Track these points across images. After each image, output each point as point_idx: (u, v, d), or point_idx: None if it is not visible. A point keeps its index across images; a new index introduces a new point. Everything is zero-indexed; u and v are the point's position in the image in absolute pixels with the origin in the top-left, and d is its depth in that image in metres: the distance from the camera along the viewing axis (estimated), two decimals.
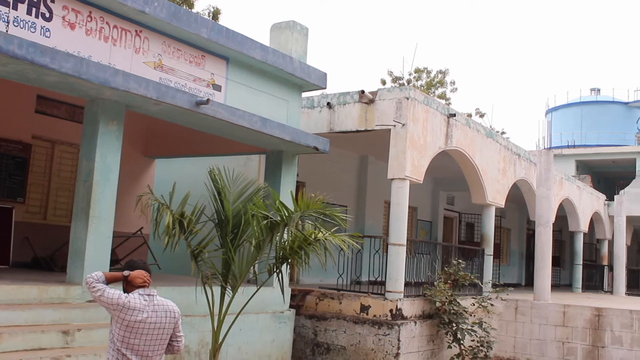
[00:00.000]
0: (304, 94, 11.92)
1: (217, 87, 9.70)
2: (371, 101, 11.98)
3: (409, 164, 11.59)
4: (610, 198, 25.91)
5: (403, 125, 11.54)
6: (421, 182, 12.19)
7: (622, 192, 26.96)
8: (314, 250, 7.61)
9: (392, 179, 11.71)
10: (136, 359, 4.47)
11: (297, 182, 14.13)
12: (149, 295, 4.55)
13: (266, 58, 10.09)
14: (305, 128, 12.08)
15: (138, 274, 4.58)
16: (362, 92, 12.01)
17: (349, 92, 12.32)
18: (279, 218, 7.40)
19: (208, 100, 8.51)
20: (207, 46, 9.39)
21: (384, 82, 36.14)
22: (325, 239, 7.53)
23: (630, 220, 27.67)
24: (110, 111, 8.17)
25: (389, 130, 11.70)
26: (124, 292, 4.55)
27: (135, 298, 4.48)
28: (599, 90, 39.71)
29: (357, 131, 12.22)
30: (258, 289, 8.02)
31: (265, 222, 7.36)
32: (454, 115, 13.08)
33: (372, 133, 12.24)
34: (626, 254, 27.87)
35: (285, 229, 7.61)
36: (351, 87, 14.06)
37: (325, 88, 11.46)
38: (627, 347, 13.62)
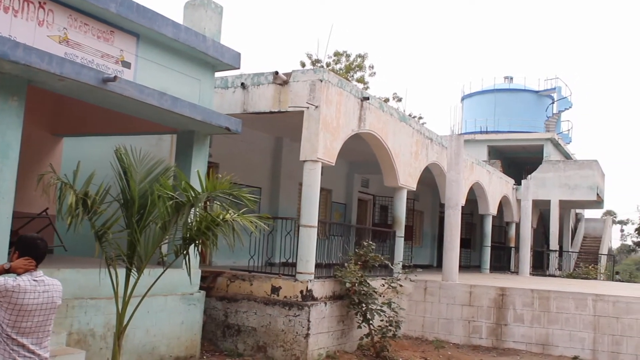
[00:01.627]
0: (218, 74, 11.77)
1: (127, 64, 9.43)
2: (285, 83, 11.94)
3: (321, 146, 11.64)
4: (518, 183, 26.86)
5: (316, 107, 11.57)
6: (333, 164, 12.27)
7: (529, 177, 27.98)
8: (222, 231, 7.56)
9: (304, 161, 11.74)
10: (28, 341, 4.38)
11: (210, 163, 13.99)
12: (36, 279, 4.47)
13: (178, 36, 9.87)
14: (218, 108, 11.94)
15: (18, 265, 4.50)
16: (276, 73, 11.95)
17: (263, 73, 12.24)
18: (185, 199, 7.30)
19: (115, 77, 8.26)
20: (116, 21, 9.11)
21: (303, 65, 36.06)
22: (234, 220, 7.49)
23: (536, 204, 28.81)
24: (11, 86, 7.81)
25: (303, 112, 11.71)
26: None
27: (24, 280, 4.40)
28: (511, 78, 40.89)
29: (271, 112, 12.17)
30: (164, 271, 7.91)
31: (172, 202, 7.24)
32: (368, 98, 13.21)
33: (287, 115, 12.21)
34: (532, 236, 28.99)
35: (192, 210, 7.53)
36: (270, 69, 14.00)
37: (238, 68, 11.33)
38: (528, 325, 14.21)
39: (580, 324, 13.83)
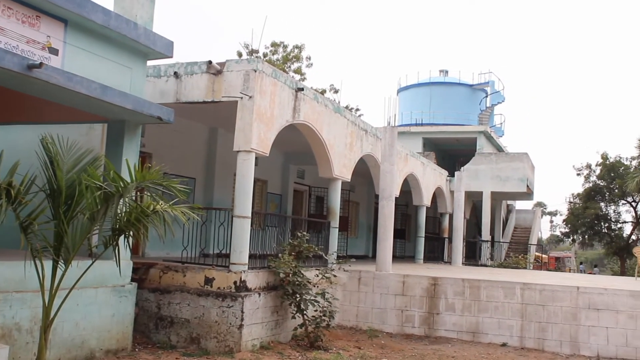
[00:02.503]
0: (151, 63, 11.56)
1: (54, 51, 9.17)
2: (219, 72, 11.83)
3: (255, 136, 11.59)
4: (452, 174, 27.36)
5: (250, 97, 11.51)
6: (267, 155, 12.24)
7: (462, 168, 28.53)
8: (152, 222, 7.46)
9: (238, 151, 11.67)
10: None
11: (143, 153, 13.79)
12: None
13: (108, 23, 9.65)
14: (151, 97, 11.75)
15: None
16: (210, 62, 11.83)
17: (197, 62, 12.10)
18: (114, 189, 7.16)
19: (41, 64, 8.00)
20: (42, 6, 8.83)
21: (240, 55, 35.80)
22: (164, 211, 7.40)
23: (469, 195, 29.41)
24: None
25: (237, 102, 11.63)
26: None
27: None
28: (447, 72, 41.54)
29: (204, 102, 12.04)
30: (93, 262, 7.77)
31: (100, 193, 7.09)
32: (302, 89, 13.21)
33: (221, 105, 12.10)
34: (465, 227, 29.60)
35: (122, 201, 7.40)
36: (205, 59, 13.79)
37: (171, 57, 11.14)
38: (459, 313, 14.52)
39: (509, 312, 14.21)
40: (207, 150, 16.98)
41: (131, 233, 7.73)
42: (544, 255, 51.92)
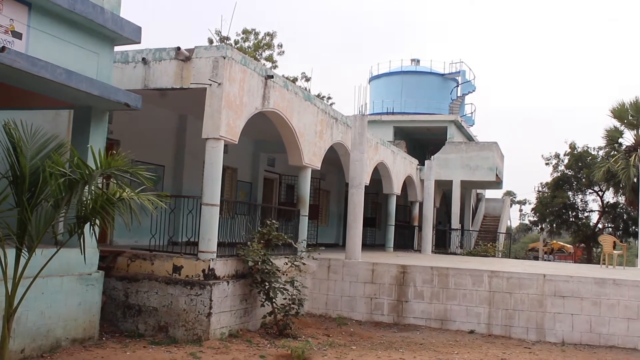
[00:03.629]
0: (118, 48, 11.41)
1: (17, 35, 8.99)
2: (188, 59, 11.71)
3: (224, 123, 11.51)
4: (423, 163, 27.48)
5: (219, 84, 11.42)
6: (236, 142, 12.16)
7: (432, 157, 28.67)
8: (118, 210, 7.38)
9: (206, 139, 11.59)
10: None
11: (111, 140, 13.63)
12: None
13: (74, 7, 9.47)
14: (118, 83, 11.59)
15: None
16: (179, 48, 11.70)
17: (165, 48, 11.96)
18: (79, 176, 7.06)
19: (3, 47, 7.84)
20: None
21: (211, 42, 35.55)
22: (130, 199, 7.32)
23: (439, 184, 29.60)
24: None
25: (205, 89, 11.53)
26: None
27: None
28: (418, 61, 41.59)
29: (173, 89, 11.92)
30: (57, 251, 7.67)
31: (64, 180, 6.99)
32: (272, 77, 13.15)
33: (190, 92, 11.99)
34: (435, 215, 29.78)
35: (87, 188, 7.30)
36: (174, 45, 13.58)
37: (139, 43, 10.99)
38: (428, 301, 14.63)
39: (477, 300, 14.35)
40: (176, 137, 16.85)
41: (97, 221, 7.64)
42: (568, 245, 52.15)
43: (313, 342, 11.67)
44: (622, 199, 37.92)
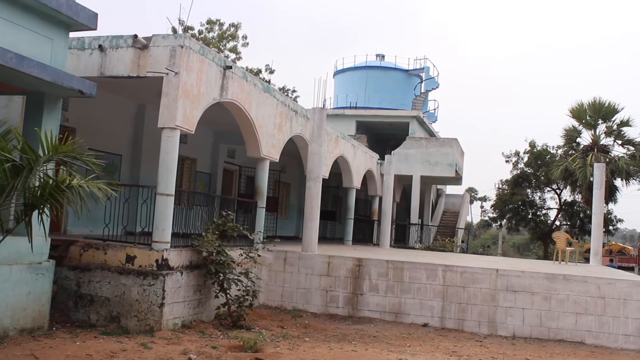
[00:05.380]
0: (75, 35, 11.24)
1: None
2: (145, 47, 11.59)
3: (180, 113, 11.43)
4: (384, 158, 27.61)
5: (176, 73, 11.33)
6: (193, 132, 12.09)
7: (393, 152, 28.84)
8: (67, 197, 7.29)
9: (162, 128, 11.50)
10: None
11: (67, 127, 13.45)
12: None
13: None
14: (73, 70, 11.43)
15: None
16: (136, 36, 11.57)
17: (122, 35, 11.80)
18: (25, 162, 6.95)
19: None
20: None
21: (175, 31, 35.22)
22: (80, 186, 7.23)
23: (399, 178, 29.79)
24: None
25: (162, 78, 11.43)
26: None
27: None
28: (383, 56, 41.70)
29: (130, 77, 11.76)
30: (3, 239, 7.53)
31: (9, 165, 6.87)
32: (231, 67, 13.09)
33: (147, 80, 11.85)
34: (395, 210, 29.98)
35: (36, 175, 7.19)
36: (139, 34, 13.43)
37: (95, 29, 10.83)
38: (382, 294, 14.74)
39: (431, 293, 14.50)
40: (134, 126, 16.67)
41: (46, 209, 7.53)
42: (629, 247, 51.66)
43: (267, 333, 11.69)
44: (578, 197, 38.64)
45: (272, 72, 39.27)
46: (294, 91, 43.16)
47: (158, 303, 10.93)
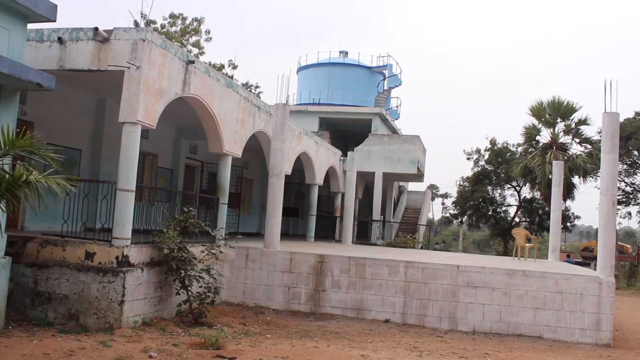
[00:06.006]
0: (33, 26, 10.99)
1: None
2: (106, 40, 11.40)
3: (141, 108, 11.28)
4: (347, 154, 27.64)
5: (137, 67, 11.17)
6: (154, 127, 11.95)
7: (355, 149, 28.90)
8: (24, 193, 7.12)
9: (123, 123, 11.34)
10: None
11: (24, 121, 13.19)
12: None
13: None
14: (32, 63, 11.19)
15: None
16: (97, 29, 11.37)
17: (83, 28, 11.59)
18: None
19: None
20: None
21: (137, 24, 34.78)
22: (37, 182, 7.08)
23: (362, 175, 29.88)
24: None
25: (124, 71, 11.26)
26: None
27: None
28: (346, 53, 41.75)
29: (90, 70, 11.56)
30: None
31: None
32: (193, 62, 12.96)
33: (109, 74, 11.68)
34: (358, 206, 30.05)
35: None
36: (100, 27, 13.12)
37: (54, 21, 10.62)
38: (344, 290, 14.77)
39: (392, 289, 14.58)
40: (94, 121, 16.39)
41: (2, 204, 7.36)
42: (627, 245, 51.14)
43: (228, 330, 11.62)
44: (537, 194, 39.23)
45: (235, 67, 39.14)
46: (257, 87, 43.06)
47: (118, 300, 10.79)
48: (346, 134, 36.91)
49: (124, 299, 10.81)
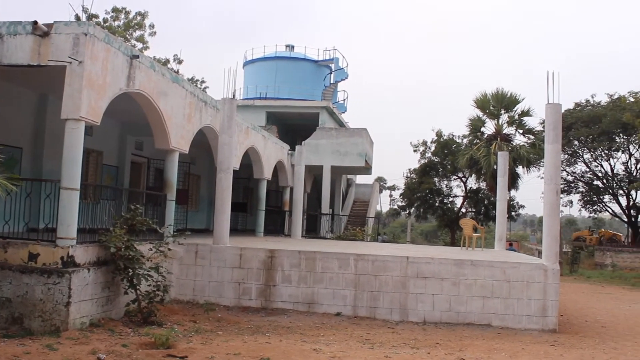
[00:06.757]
0: None
1: None
2: (46, 34, 11.06)
3: (85, 104, 10.99)
4: (294, 148, 27.60)
5: (80, 62, 10.88)
6: (98, 124, 11.66)
7: (303, 143, 28.89)
8: None
9: (66, 119, 11.03)
10: None
11: None
12: None
13: None
14: None
15: None
16: (36, 23, 11.02)
17: (21, 22, 11.21)
18: None
19: None
20: None
21: (79, 19, 34.01)
22: None
23: (310, 169, 29.88)
24: None
25: (65, 67, 10.95)
26: None
27: None
28: (293, 47, 41.64)
29: (30, 66, 11.20)
30: None
31: None
32: (138, 56, 12.70)
33: (50, 70, 11.33)
34: (306, 200, 30.05)
35: None
36: (32, 19, 12.70)
37: None
38: (295, 285, 14.74)
39: (343, 282, 14.62)
40: (36, 118, 15.94)
41: None
42: (620, 234, 51.02)
43: (179, 328, 11.47)
44: (483, 185, 39.90)
45: (180, 62, 38.67)
46: (203, 82, 42.59)
47: (64, 302, 10.52)
48: (294, 128, 36.85)
49: (70, 301, 10.55)
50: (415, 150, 45.25)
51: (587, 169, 47.84)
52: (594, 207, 50.60)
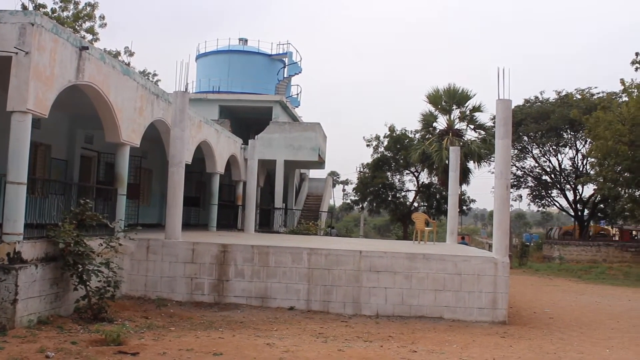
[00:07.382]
0: None
1: None
2: None
3: (32, 96, 10.73)
4: (247, 142, 27.44)
5: (26, 53, 10.60)
6: (46, 116, 11.39)
7: (256, 137, 28.78)
8: None
9: (12, 112, 10.74)
10: None
11: None
12: None
13: None
14: None
15: None
16: None
17: None
18: None
19: None
20: None
21: (25, 8, 33.14)
22: None
23: (263, 163, 29.82)
24: None
25: (11, 57, 10.66)
26: None
27: None
28: (246, 40, 41.35)
29: None
30: None
31: None
32: (87, 48, 12.45)
33: None
34: (259, 194, 29.94)
35: None
36: None
37: None
38: (248, 279, 14.68)
39: (297, 277, 14.62)
40: None
41: None
42: (608, 228, 51.16)
43: (130, 325, 11.32)
44: (435, 180, 40.34)
45: (131, 54, 37.97)
46: (154, 75, 42.04)
47: (10, 299, 10.27)
48: (247, 122, 36.67)
49: (17, 298, 10.31)
50: (368, 145, 45.42)
51: (536, 164, 48.94)
52: (543, 202, 51.80)
